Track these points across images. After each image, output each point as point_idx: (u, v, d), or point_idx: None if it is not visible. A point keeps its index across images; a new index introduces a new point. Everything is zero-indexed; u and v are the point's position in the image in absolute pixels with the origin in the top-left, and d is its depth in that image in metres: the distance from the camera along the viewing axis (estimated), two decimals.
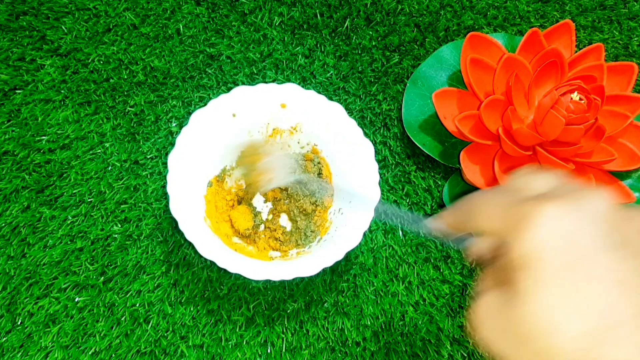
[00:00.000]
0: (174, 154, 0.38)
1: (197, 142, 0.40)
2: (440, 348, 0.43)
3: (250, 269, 0.36)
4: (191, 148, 0.39)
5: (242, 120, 0.42)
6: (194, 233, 0.37)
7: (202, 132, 0.40)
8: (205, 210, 0.41)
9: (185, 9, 0.49)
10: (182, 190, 0.38)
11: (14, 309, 0.42)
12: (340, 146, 0.42)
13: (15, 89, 0.47)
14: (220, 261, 0.36)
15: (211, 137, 0.41)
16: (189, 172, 0.39)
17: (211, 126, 0.40)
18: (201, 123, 0.40)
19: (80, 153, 0.45)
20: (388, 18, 0.50)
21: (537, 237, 0.18)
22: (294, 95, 0.41)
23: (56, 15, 0.49)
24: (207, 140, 0.40)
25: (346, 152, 0.41)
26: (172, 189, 0.37)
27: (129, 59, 0.48)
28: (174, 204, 0.37)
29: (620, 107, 0.42)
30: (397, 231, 0.45)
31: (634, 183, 0.44)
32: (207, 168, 0.42)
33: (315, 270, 0.36)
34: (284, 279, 0.36)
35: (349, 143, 0.41)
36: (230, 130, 0.42)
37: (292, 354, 0.42)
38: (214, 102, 0.40)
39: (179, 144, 0.39)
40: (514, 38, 0.48)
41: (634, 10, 0.52)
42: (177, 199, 0.37)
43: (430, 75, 0.47)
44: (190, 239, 0.36)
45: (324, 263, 0.36)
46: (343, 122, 0.41)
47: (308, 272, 0.36)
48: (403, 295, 0.44)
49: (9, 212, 0.43)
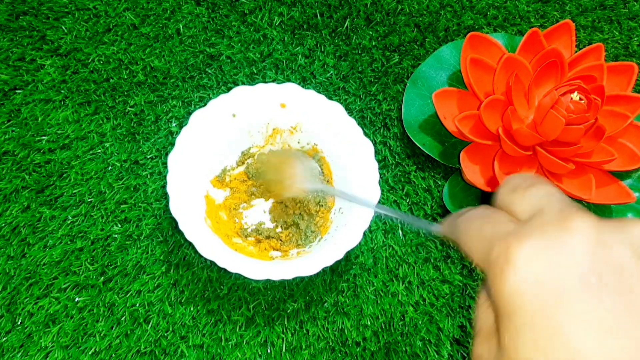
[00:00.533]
0: (174, 154, 0.38)
1: (197, 142, 0.40)
2: (440, 348, 0.43)
3: (250, 268, 0.36)
4: (191, 148, 0.39)
5: (241, 120, 0.42)
6: (194, 233, 0.37)
7: (202, 132, 0.40)
8: (206, 211, 0.41)
9: (185, 9, 0.49)
10: (182, 191, 0.38)
11: (14, 309, 0.42)
12: (340, 145, 0.42)
13: (15, 89, 0.47)
14: (220, 261, 0.36)
15: (211, 137, 0.41)
16: (189, 172, 0.39)
17: (211, 126, 0.40)
18: (201, 123, 0.40)
19: (80, 153, 0.45)
20: (388, 18, 0.50)
21: (512, 283, 0.18)
22: (294, 95, 0.41)
23: (56, 15, 0.49)
24: (207, 140, 0.41)
25: (346, 151, 0.41)
26: (172, 189, 0.37)
27: (129, 59, 0.48)
28: (174, 204, 0.37)
29: (620, 107, 0.41)
30: (397, 231, 0.45)
31: (634, 183, 0.44)
32: (207, 168, 0.42)
33: (316, 269, 0.36)
34: (285, 278, 0.36)
35: (348, 142, 0.41)
36: (230, 130, 0.42)
37: (292, 354, 0.42)
38: (213, 102, 0.40)
39: (179, 144, 0.39)
40: (514, 38, 0.48)
41: (634, 10, 0.52)
42: (177, 199, 0.37)
43: (430, 75, 0.47)
44: (190, 239, 0.36)
45: (324, 262, 0.36)
46: (343, 121, 0.41)
47: (308, 271, 0.36)
48: (403, 295, 0.44)
49: (9, 212, 0.43)
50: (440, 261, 0.45)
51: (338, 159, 0.43)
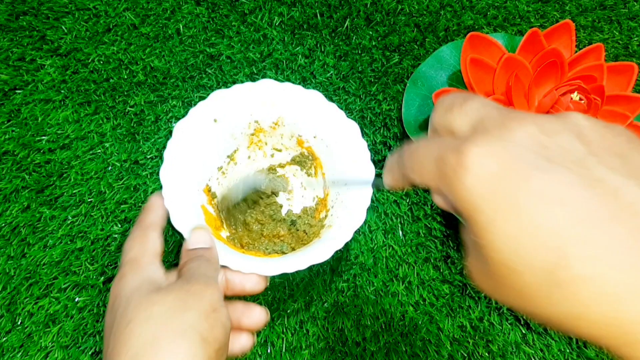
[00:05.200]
0: (165, 169, 0.38)
1: (183, 153, 0.39)
2: (440, 348, 0.43)
3: (263, 267, 0.36)
4: (179, 160, 0.39)
5: (224, 124, 0.41)
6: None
7: (187, 142, 0.39)
8: (205, 219, 0.41)
9: (185, 9, 0.49)
10: (180, 203, 0.38)
11: (14, 309, 0.42)
12: (325, 132, 0.42)
13: (15, 89, 0.47)
14: (233, 264, 0.36)
15: (196, 146, 0.40)
16: (182, 184, 0.39)
17: (194, 135, 0.40)
18: (185, 133, 0.39)
19: (80, 153, 0.45)
20: (388, 18, 0.50)
21: (469, 184, 0.18)
22: (271, 91, 0.41)
23: (56, 15, 0.49)
24: (193, 149, 0.40)
25: (332, 136, 0.41)
26: (170, 203, 0.37)
27: (129, 59, 0.48)
28: (175, 217, 0.37)
29: (620, 107, 0.42)
30: (397, 231, 0.45)
31: None
32: (198, 177, 0.42)
33: (328, 254, 0.36)
34: (299, 269, 0.35)
35: (333, 127, 0.41)
36: (213, 136, 0.41)
37: (292, 354, 0.42)
38: (193, 110, 0.39)
39: (167, 157, 0.38)
40: (514, 38, 0.48)
41: (634, 10, 0.52)
42: (176, 212, 0.37)
43: (430, 75, 0.47)
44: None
45: (335, 246, 0.36)
46: (323, 107, 0.41)
47: (321, 257, 0.36)
48: (403, 295, 0.44)
49: (9, 212, 0.43)
50: (440, 261, 0.45)
51: (325, 147, 0.42)
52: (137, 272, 0.31)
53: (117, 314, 0.29)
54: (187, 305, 0.28)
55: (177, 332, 0.27)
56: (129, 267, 0.32)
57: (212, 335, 0.28)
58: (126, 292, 0.30)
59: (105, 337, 0.29)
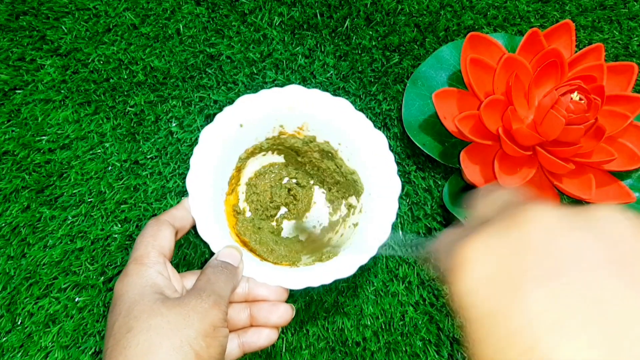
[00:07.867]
0: (191, 176, 0.37)
1: (209, 159, 0.39)
2: (440, 348, 0.43)
3: (289, 279, 0.36)
4: (205, 167, 0.38)
5: (249, 129, 0.41)
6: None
7: (213, 148, 0.39)
8: (229, 225, 0.40)
9: (185, 9, 0.49)
10: (206, 211, 0.37)
11: (14, 309, 0.42)
12: (351, 141, 0.41)
13: (15, 89, 0.47)
14: (259, 277, 0.36)
15: (222, 152, 0.40)
16: (208, 191, 0.38)
17: (221, 141, 0.39)
18: (211, 140, 0.39)
19: (80, 153, 0.45)
20: (388, 18, 0.50)
21: (466, 284, 0.18)
22: (298, 96, 0.40)
23: (56, 15, 0.49)
24: (219, 155, 0.40)
25: (358, 146, 0.41)
26: (197, 212, 0.37)
27: (129, 59, 0.48)
28: (202, 226, 0.36)
29: (620, 107, 0.42)
30: (397, 231, 0.45)
31: (634, 183, 0.44)
32: (222, 183, 0.41)
33: (352, 270, 0.36)
34: (324, 283, 0.36)
35: (359, 136, 0.40)
36: (239, 141, 0.41)
37: (292, 354, 0.42)
38: (220, 115, 0.39)
39: (194, 164, 0.38)
40: (514, 38, 0.48)
41: (634, 10, 0.52)
42: (203, 220, 0.37)
43: (430, 75, 0.47)
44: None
45: (359, 261, 0.36)
46: (351, 116, 0.40)
47: (345, 272, 0.36)
48: (403, 295, 0.44)
49: (9, 212, 0.43)
50: None
51: (349, 155, 0.42)
52: (141, 273, 0.32)
53: (120, 316, 0.30)
54: (188, 322, 0.29)
55: (174, 346, 0.28)
56: (133, 265, 0.32)
57: (208, 353, 0.29)
58: (130, 295, 0.31)
59: (107, 335, 0.30)
